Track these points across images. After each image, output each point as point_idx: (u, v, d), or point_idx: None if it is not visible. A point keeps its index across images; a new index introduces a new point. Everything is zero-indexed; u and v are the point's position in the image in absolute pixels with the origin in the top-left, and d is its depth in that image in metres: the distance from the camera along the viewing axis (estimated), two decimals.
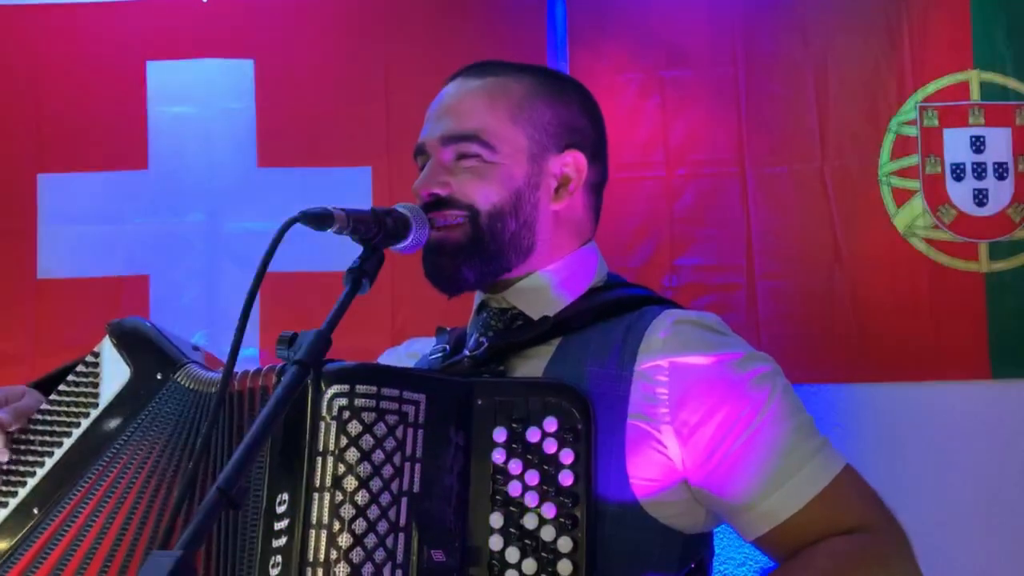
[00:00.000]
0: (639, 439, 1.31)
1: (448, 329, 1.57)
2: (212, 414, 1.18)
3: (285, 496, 1.19)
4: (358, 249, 1.30)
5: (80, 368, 1.43)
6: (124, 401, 1.38)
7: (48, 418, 1.40)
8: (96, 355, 1.44)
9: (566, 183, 1.45)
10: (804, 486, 1.31)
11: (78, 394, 1.41)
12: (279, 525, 1.19)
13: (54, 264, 3.09)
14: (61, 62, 3.13)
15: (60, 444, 1.37)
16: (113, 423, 1.36)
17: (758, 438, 1.32)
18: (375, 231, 1.29)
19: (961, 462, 2.97)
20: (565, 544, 1.20)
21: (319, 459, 1.17)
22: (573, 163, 1.45)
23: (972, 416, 2.99)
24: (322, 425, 1.18)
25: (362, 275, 1.27)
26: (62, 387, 1.42)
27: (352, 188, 3.06)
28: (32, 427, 1.39)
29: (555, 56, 3.11)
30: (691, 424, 1.31)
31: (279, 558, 1.17)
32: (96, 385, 1.40)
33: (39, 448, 1.38)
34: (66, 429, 1.39)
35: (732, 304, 3.03)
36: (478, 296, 1.50)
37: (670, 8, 3.11)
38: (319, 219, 1.25)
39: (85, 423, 1.38)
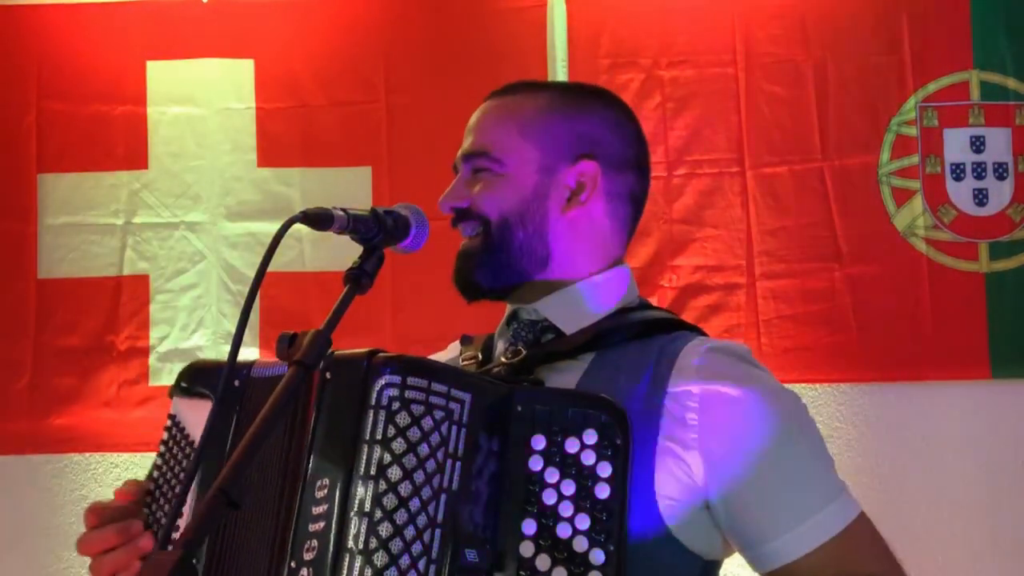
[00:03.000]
0: (667, 459, 1.32)
1: (473, 337, 1.58)
2: (213, 413, 1.17)
3: (326, 481, 1.19)
4: (358, 249, 1.30)
5: (164, 437, 1.43)
6: (219, 422, 1.36)
7: (160, 489, 1.40)
8: (172, 416, 1.44)
9: (578, 192, 1.46)
10: (822, 527, 1.32)
11: (175, 452, 1.42)
12: (317, 510, 1.18)
13: (54, 264, 3.10)
14: (61, 62, 3.13)
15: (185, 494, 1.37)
16: (218, 445, 1.34)
17: (782, 473, 1.34)
18: (375, 231, 1.29)
19: (961, 462, 2.97)
20: (597, 556, 1.20)
21: (365, 447, 1.17)
22: (586, 172, 1.47)
23: (972, 416, 2.99)
24: (370, 413, 1.18)
25: (362, 275, 1.26)
26: (156, 461, 1.42)
27: (352, 188, 3.06)
28: (150, 502, 1.39)
29: (555, 56, 3.11)
30: (718, 452, 1.33)
31: (315, 542, 1.16)
32: (187, 436, 1.41)
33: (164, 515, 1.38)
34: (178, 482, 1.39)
35: (732, 304, 3.03)
36: (509, 306, 1.52)
37: (670, 8, 3.11)
38: (319, 219, 1.24)
39: (195, 466, 1.37)
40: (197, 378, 1.43)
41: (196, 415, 1.40)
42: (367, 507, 1.15)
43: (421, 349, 1.60)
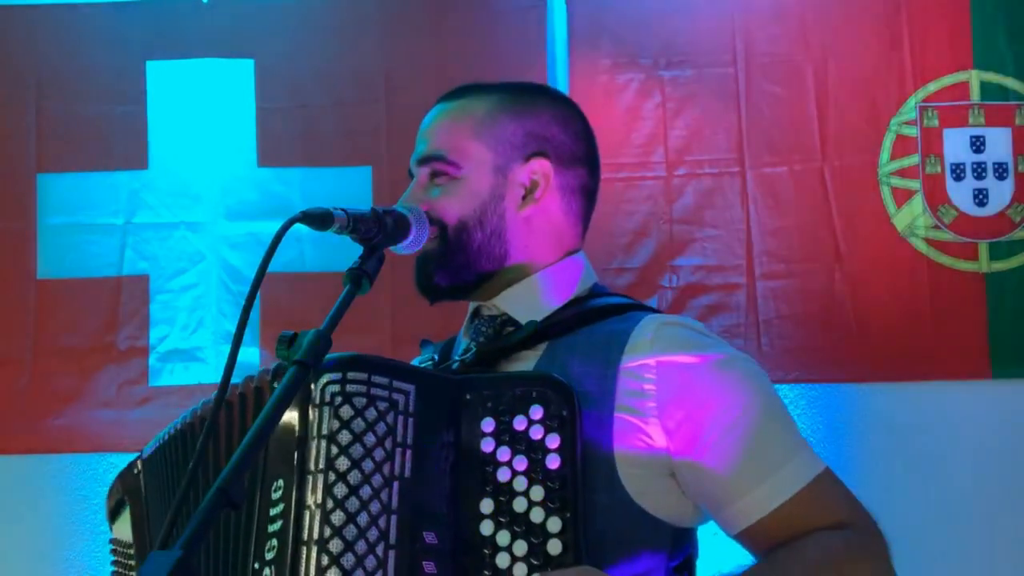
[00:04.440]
0: (626, 431, 1.35)
1: (433, 342, 1.62)
2: (212, 415, 1.19)
3: (280, 482, 1.23)
4: (358, 249, 1.31)
5: (112, 560, 1.59)
6: (140, 510, 1.48)
7: None
8: (112, 541, 1.60)
9: (532, 190, 1.49)
10: (789, 480, 1.34)
11: (127, 564, 1.55)
12: (274, 511, 1.22)
13: (54, 264, 3.10)
14: (61, 62, 3.13)
15: None
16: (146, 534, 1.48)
17: (744, 433, 1.36)
18: (375, 231, 1.32)
19: (961, 462, 2.97)
20: (554, 524, 1.24)
21: (313, 443, 1.21)
22: (539, 171, 1.49)
23: (972, 416, 2.99)
24: (315, 412, 1.22)
25: (362, 275, 1.29)
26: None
27: (352, 188, 3.06)
28: None
29: (555, 56, 3.11)
30: (678, 418, 1.35)
31: (274, 541, 1.20)
32: (125, 542, 1.54)
33: None
34: None
35: (732, 304, 3.03)
36: (471, 304, 1.54)
37: (670, 8, 3.11)
38: (319, 219, 1.27)
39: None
40: (112, 500, 1.58)
41: (123, 522, 1.53)
42: (319, 498, 1.19)
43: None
